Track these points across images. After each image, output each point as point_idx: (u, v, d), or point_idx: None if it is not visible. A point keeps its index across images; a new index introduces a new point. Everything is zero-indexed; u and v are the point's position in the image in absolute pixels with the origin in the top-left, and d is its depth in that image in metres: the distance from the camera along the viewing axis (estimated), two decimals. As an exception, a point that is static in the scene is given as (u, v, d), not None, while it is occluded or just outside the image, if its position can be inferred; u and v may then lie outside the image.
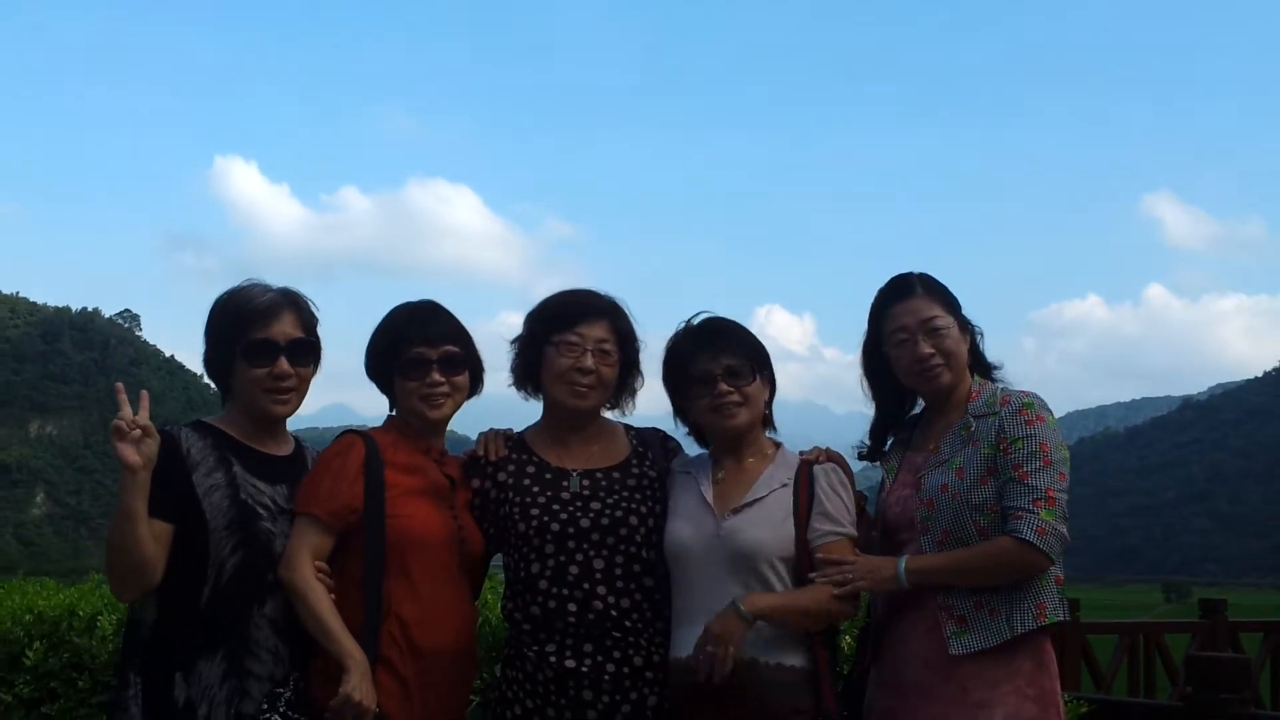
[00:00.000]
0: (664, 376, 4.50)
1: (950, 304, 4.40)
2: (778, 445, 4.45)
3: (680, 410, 4.51)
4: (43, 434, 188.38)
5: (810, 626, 4.11)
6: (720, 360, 4.28)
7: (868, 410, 4.70)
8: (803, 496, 4.24)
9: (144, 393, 3.94)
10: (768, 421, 4.46)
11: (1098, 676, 12.20)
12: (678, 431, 4.62)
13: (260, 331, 4.08)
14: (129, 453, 3.74)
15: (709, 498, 4.30)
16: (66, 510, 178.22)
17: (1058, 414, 4.30)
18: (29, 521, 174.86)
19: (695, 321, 4.45)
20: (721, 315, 4.49)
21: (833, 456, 4.43)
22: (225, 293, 4.19)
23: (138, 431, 3.77)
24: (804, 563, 4.16)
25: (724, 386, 4.27)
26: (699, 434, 4.52)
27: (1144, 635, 13.06)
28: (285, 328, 4.12)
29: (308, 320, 4.22)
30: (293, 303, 4.18)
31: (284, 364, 4.10)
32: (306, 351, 4.18)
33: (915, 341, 4.32)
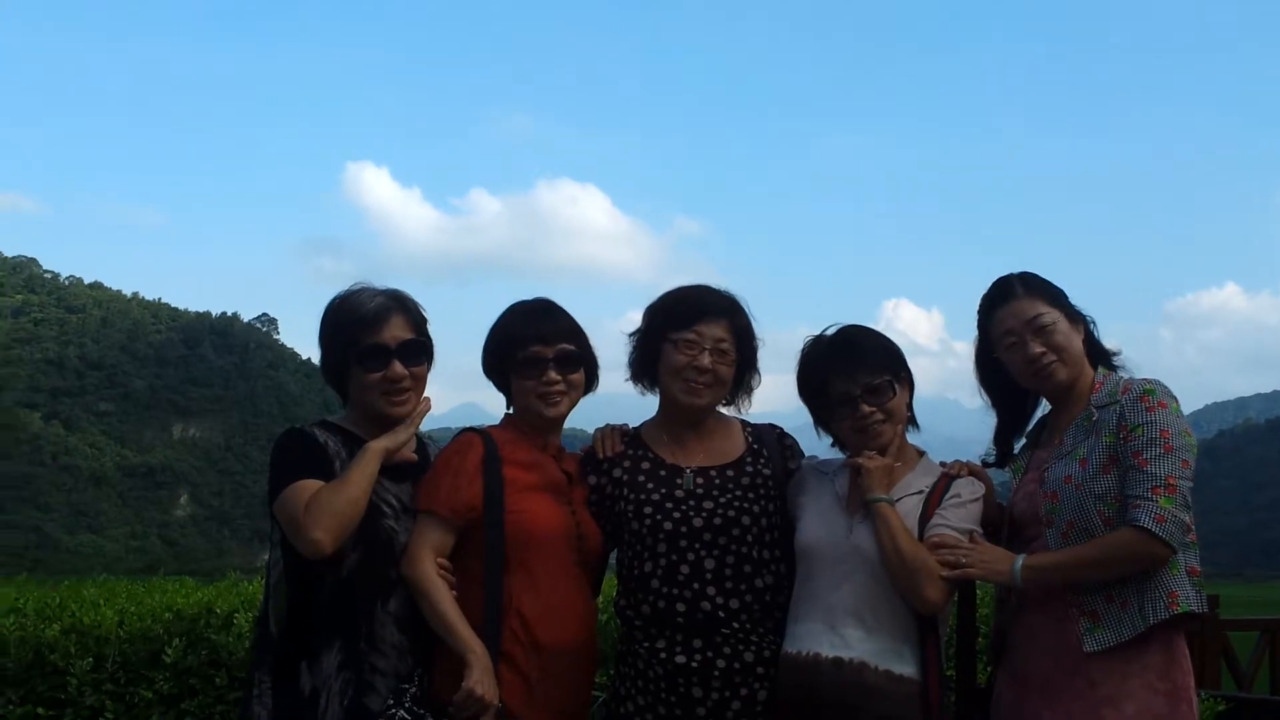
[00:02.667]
0: (800, 390, 4.46)
1: (1055, 298, 4.35)
2: (921, 453, 4.43)
3: (821, 422, 4.48)
4: (185, 437, 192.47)
5: (897, 567, 4.05)
6: (859, 380, 4.25)
7: (992, 418, 4.67)
8: (933, 505, 4.22)
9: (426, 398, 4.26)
10: (910, 420, 4.42)
11: (1238, 675, 11.96)
12: (822, 440, 4.56)
13: (371, 337, 4.14)
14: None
15: (843, 500, 4.30)
16: (210, 511, 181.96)
17: (1196, 406, 4.23)
18: (173, 522, 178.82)
19: (829, 334, 4.41)
20: (855, 324, 4.44)
21: (975, 471, 4.42)
22: (335, 299, 4.27)
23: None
24: None
25: (865, 408, 4.25)
26: (842, 444, 4.47)
27: (1287, 631, 12.77)
28: (395, 330, 4.18)
29: (417, 320, 4.27)
30: (400, 304, 4.24)
31: (397, 367, 4.16)
32: (418, 351, 4.23)
33: (1025, 343, 4.29)
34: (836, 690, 4.04)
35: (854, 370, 4.26)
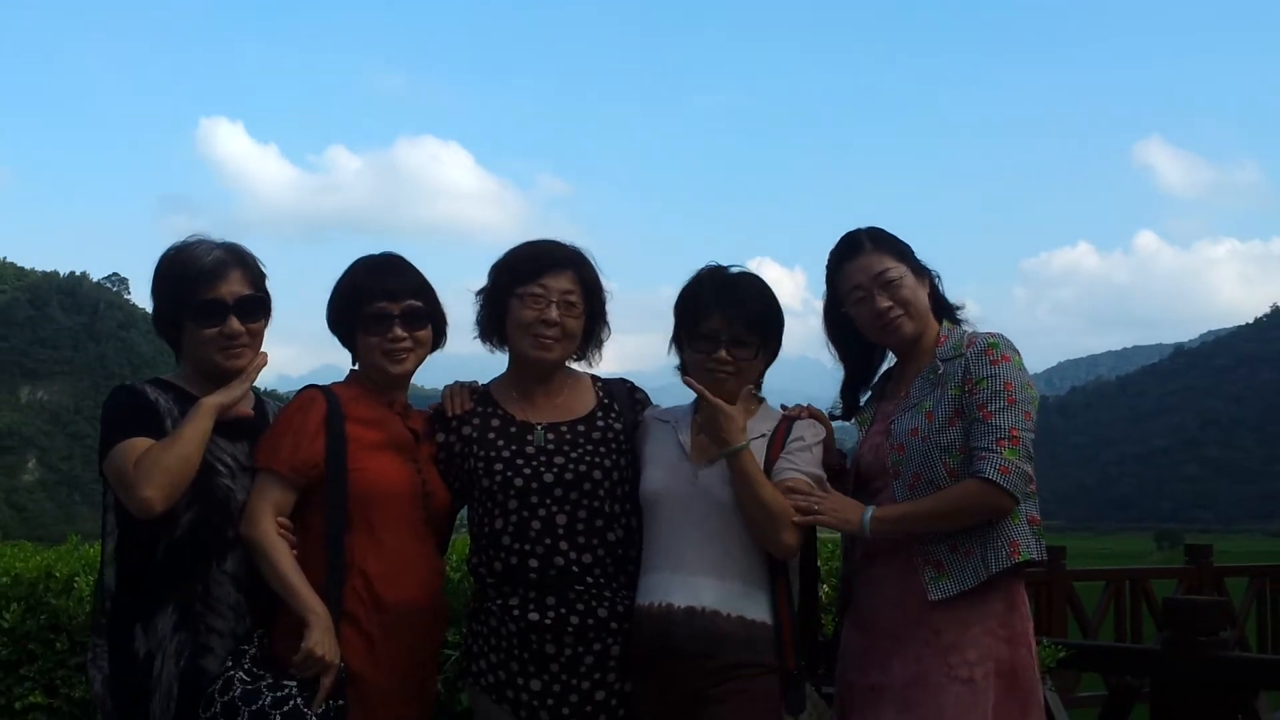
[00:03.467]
0: (677, 306, 4.40)
1: (902, 253, 4.39)
2: (761, 400, 4.43)
3: (679, 342, 4.43)
4: (33, 400, 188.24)
5: (756, 514, 4.06)
6: (732, 327, 4.22)
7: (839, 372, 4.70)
8: (776, 448, 4.23)
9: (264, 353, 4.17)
10: (756, 385, 4.41)
11: (1084, 623, 12.27)
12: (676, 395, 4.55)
13: (208, 291, 4.05)
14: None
15: (687, 448, 4.29)
16: (59, 475, 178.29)
17: (1049, 363, 4.32)
18: (21, 487, 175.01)
19: (731, 272, 4.37)
20: (757, 277, 4.40)
21: (814, 413, 4.43)
22: (170, 250, 4.16)
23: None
24: None
25: (724, 354, 4.23)
26: (684, 373, 4.42)
27: (1130, 581, 13.14)
28: (233, 285, 4.08)
29: (256, 275, 4.18)
30: (239, 258, 4.14)
31: (234, 323, 4.06)
32: (255, 307, 4.14)
33: (872, 297, 4.33)
34: (690, 639, 4.05)
35: (731, 316, 4.21)
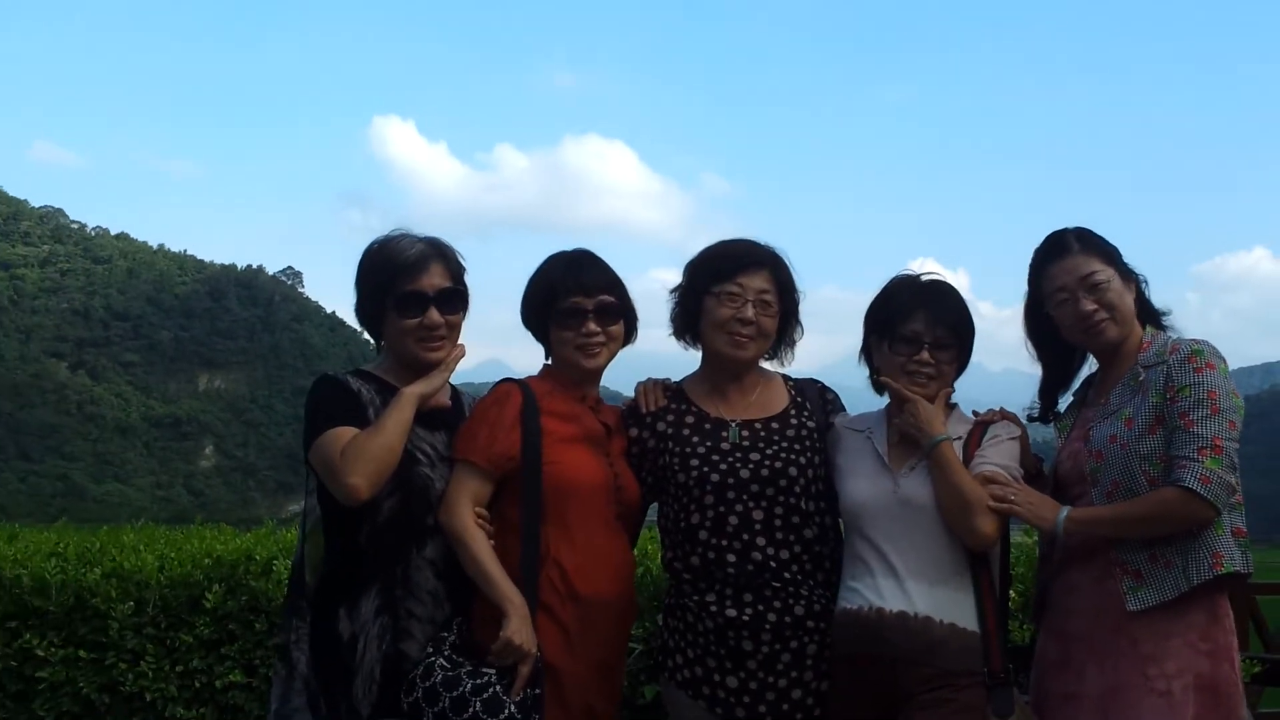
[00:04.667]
0: (872, 312, 4.44)
1: (1109, 255, 4.32)
2: (954, 405, 4.42)
3: (868, 351, 4.47)
4: (210, 388, 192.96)
5: (954, 503, 4.08)
6: (935, 329, 4.26)
7: (1024, 368, 4.65)
8: (972, 448, 4.24)
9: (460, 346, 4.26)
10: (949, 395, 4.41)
11: (1265, 638, 11.97)
12: (858, 373, 4.56)
13: (410, 283, 4.15)
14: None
15: (885, 456, 4.31)
16: (234, 462, 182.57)
17: (1227, 373, 4.20)
18: (198, 473, 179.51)
19: (925, 278, 4.40)
20: (948, 282, 4.43)
21: (1008, 416, 4.43)
22: (374, 243, 4.27)
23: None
24: None
25: (926, 355, 4.25)
26: (875, 381, 4.47)
27: (1315, 597, 12.77)
28: (434, 278, 4.19)
29: (455, 269, 4.28)
30: (440, 253, 4.25)
31: (434, 314, 4.16)
32: (455, 299, 4.24)
33: (1077, 299, 4.26)
34: (903, 645, 4.05)
35: (935, 319, 4.26)
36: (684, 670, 4.27)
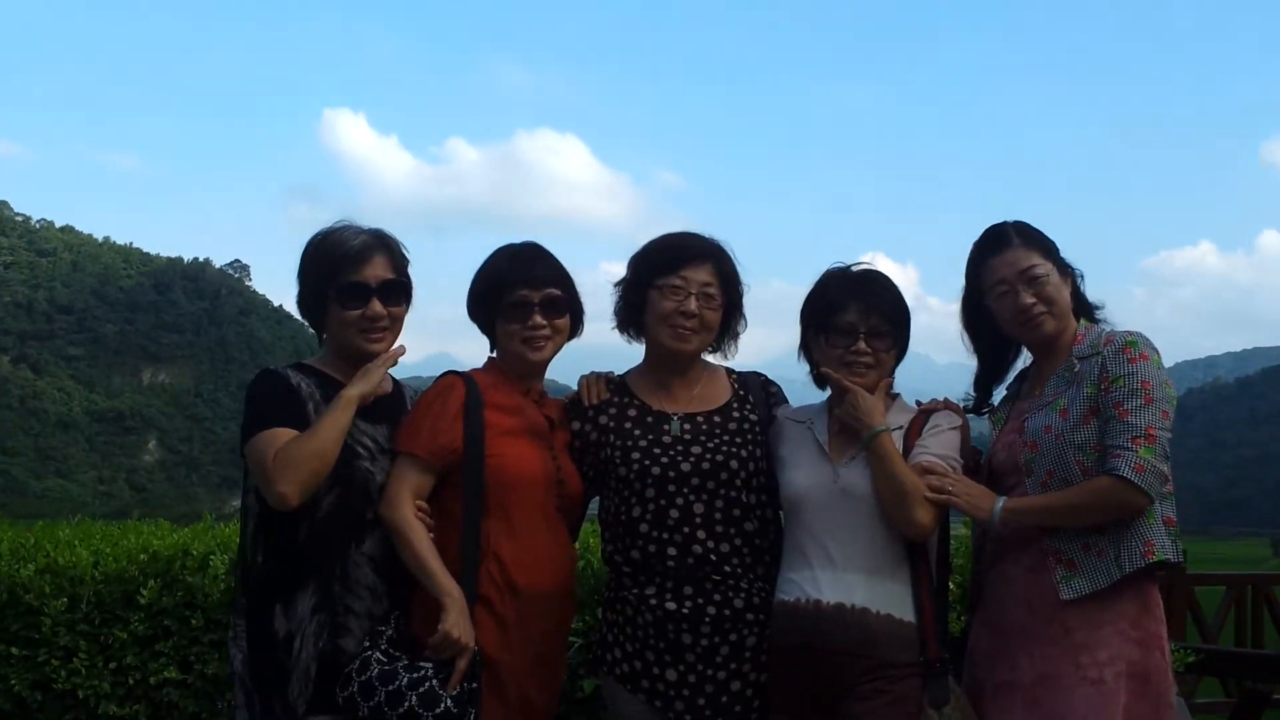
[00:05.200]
0: (807, 308, 4.45)
1: (1048, 250, 4.37)
2: (895, 395, 4.44)
3: (806, 347, 4.48)
4: (155, 382, 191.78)
5: (891, 493, 4.09)
6: (869, 318, 4.27)
7: (970, 362, 4.71)
8: (913, 437, 4.26)
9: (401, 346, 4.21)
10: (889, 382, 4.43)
11: (1204, 628, 12.10)
12: (805, 391, 4.59)
13: (353, 274, 4.13)
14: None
15: (826, 446, 4.31)
16: (178, 457, 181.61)
17: (1167, 364, 4.25)
18: (141, 468, 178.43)
19: (856, 268, 4.42)
20: (880, 271, 4.45)
21: (950, 406, 4.45)
22: (318, 234, 4.24)
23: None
24: None
25: (863, 345, 4.26)
26: (816, 375, 4.48)
27: (1252, 587, 12.93)
28: (377, 269, 4.16)
29: (399, 261, 4.25)
30: (384, 244, 4.22)
31: (377, 305, 4.14)
32: (398, 291, 4.22)
33: (1016, 292, 4.30)
34: (840, 636, 4.07)
35: (868, 308, 4.27)
36: (623, 664, 4.27)
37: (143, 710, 5.76)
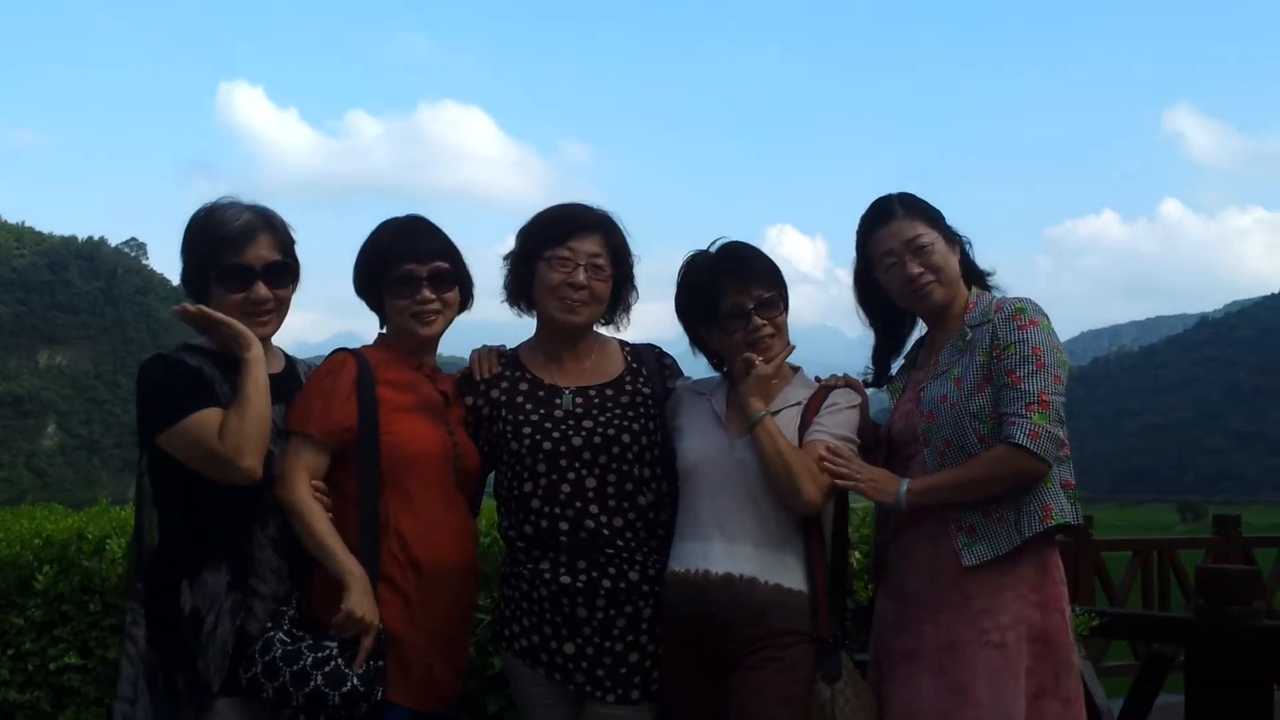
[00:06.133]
0: (683, 303, 4.45)
1: (933, 219, 4.39)
2: (796, 369, 4.45)
3: (699, 340, 4.47)
4: (52, 364, 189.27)
5: (776, 469, 4.08)
6: (751, 292, 4.24)
7: (870, 337, 4.72)
8: (811, 414, 4.26)
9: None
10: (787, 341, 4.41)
11: (1111, 591, 12.28)
12: (697, 360, 4.59)
13: (236, 256, 4.03)
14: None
15: (723, 418, 4.31)
16: (78, 440, 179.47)
17: (1072, 333, 4.26)
18: (41, 452, 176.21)
19: (714, 250, 4.39)
20: (737, 240, 4.43)
21: (851, 383, 4.45)
22: (200, 212, 4.12)
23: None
24: None
25: (759, 320, 4.24)
26: (719, 362, 4.47)
27: (1158, 552, 13.15)
28: (261, 250, 4.07)
29: (284, 240, 4.16)
30: (268, 223, 4.12)
31: (261, 289, 4.06)
32: (283, 273, 4.13)
33: (903, 263, 4.32)
34: (728, 606, 4.07)
35: (746, 283, 4.25)
36: (521, 639, 4.27)
37: (43, 696, 5.70)
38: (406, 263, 4.22)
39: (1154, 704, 7.13)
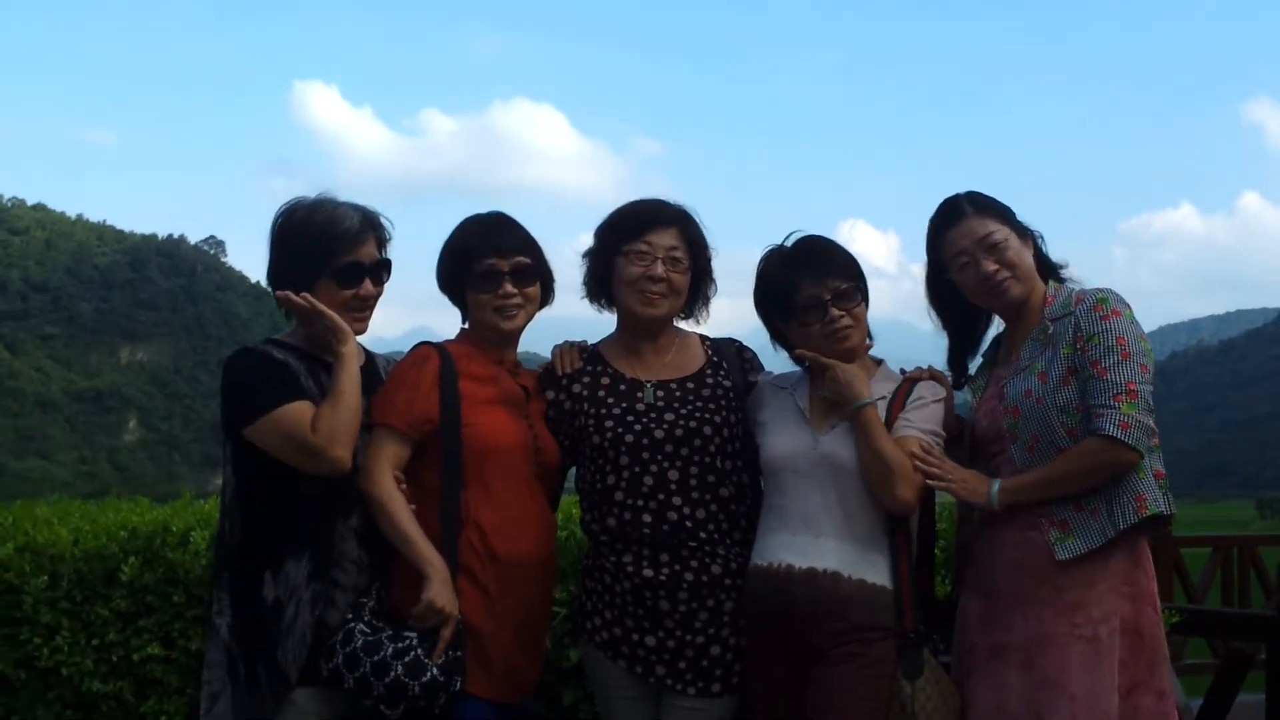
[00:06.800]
0: (761, 299, 4.45)
1: (1003, 215, 4.36)
2: (879, 362, 4.44)
3: (778, 334, 4.47)
4: (133, 361, 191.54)
5: (876, 468, 4.08)
6: (828, 284, 4.23)
7: (944, 340, 4.69)
8: (897, 408, 4.24)
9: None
10: (868, 334, 4.41)
11: (1189, 589, 12.14)
12: (778, 355, 4.56)
13: (349, 254, 4.10)
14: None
15: (806, 413, 4.31)
16: (159, 435, 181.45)
17: (1149, 328, 4.22)
18: (122, 447, 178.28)
19: (789, 244, 4.40)
20: (813, 234, 4.43)
21: (935, 375, 4.44)
22: (302, 209, 4.17)
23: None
24: None
25: (836, 312, 4.23)
26: (799, 359, 4.44)
27: (1238, 548, 12.97)
28: (370, 249, 4.16)
29: (384, 239, 4.26)
30: (374, 223, 4.21)
31: (369, 286, 4.15)
32: (385, 271, 4.24)
33: (977, 261, 4.29)
34: (811, 601, 4.07)
35: (823, 275, 4.24)
36: (603, 631, 4.29)
37: (127, 686, 5.73)
38: (489, 258, 4.25)
39: (1233, 702, 7.05)
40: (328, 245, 4.09)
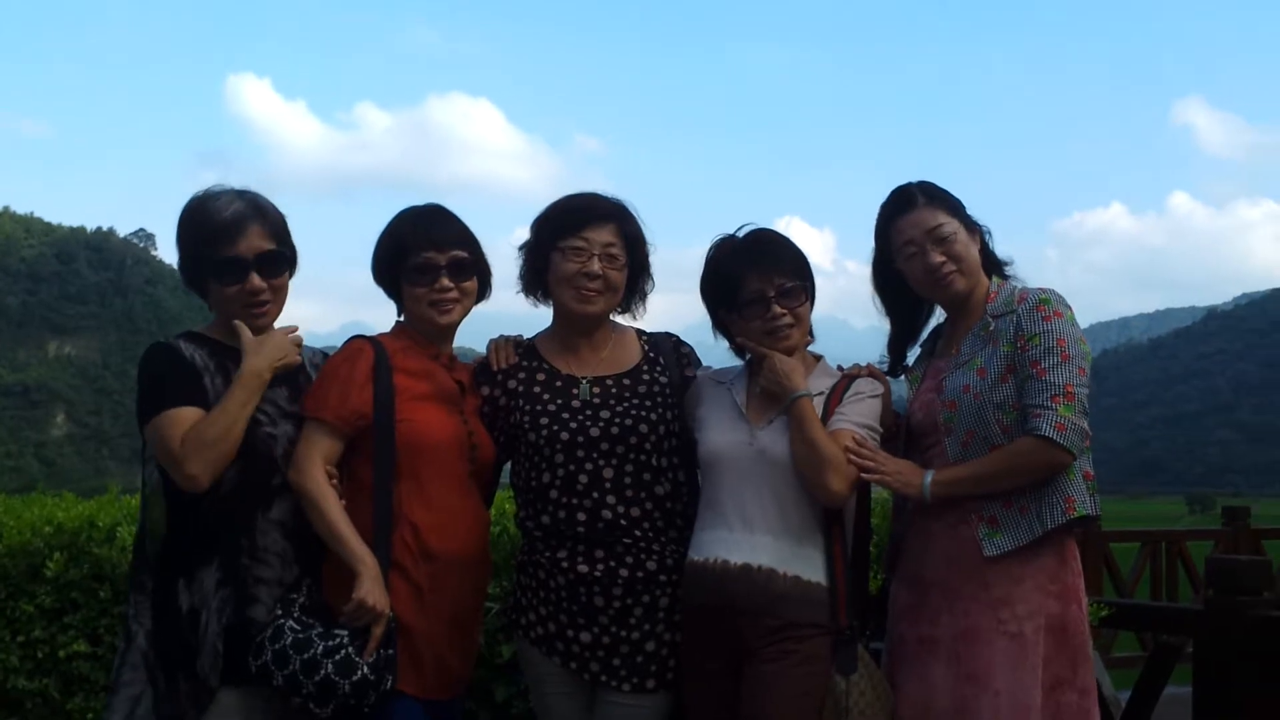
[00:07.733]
0: (707, 288, 4.43)
1: (954, 208, 4.38)
2: (818, 358, 4.43)
3: (721, 324, 4.45)
4: (61, 355, 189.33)
5: (808, 458, 4.06)
6: (774, 281, 4.22)
7: (887, 326, 4.72)
8: (834, 403, 4.23)
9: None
10: (809, 332, 4.40)
11: (1119, 583, 12.26)
12: (718, 345, 4.58)
13: (228, 249, 3.98)
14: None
15: (744, 408, 4.29)
16: (87, 430, 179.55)
17: (1081, 326, 4.26)
18: (50, 442, 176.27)
19: (741, 235, 4.38)
20: (766, 228, 4.41)
21: (874, 372, 4.44)
22: (191, 201, 4.07)
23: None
24: None
25: (779, 309, 4.22)
26: (740, 350, 4.46)
27: (1166, 543, 13.12)
28: (253, 240, 4.00)
29: (276, 228, 4.10)
30: (258, 211, 4.06)
31: (255, 280, 4.01)
32: (276, 262, 4.08)
33: (925, 252, 4.31)
34: (746, 597, 4.06)
35: (769, 271, 4.22)
36: (537, 627, 4.26)
37: (52, 683, 5.68)
38: (425, 251, 4.19)
39: (1161, 695, 7.10)
40: (207, 240, 3.99)
